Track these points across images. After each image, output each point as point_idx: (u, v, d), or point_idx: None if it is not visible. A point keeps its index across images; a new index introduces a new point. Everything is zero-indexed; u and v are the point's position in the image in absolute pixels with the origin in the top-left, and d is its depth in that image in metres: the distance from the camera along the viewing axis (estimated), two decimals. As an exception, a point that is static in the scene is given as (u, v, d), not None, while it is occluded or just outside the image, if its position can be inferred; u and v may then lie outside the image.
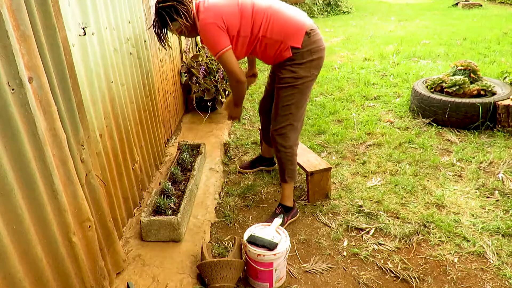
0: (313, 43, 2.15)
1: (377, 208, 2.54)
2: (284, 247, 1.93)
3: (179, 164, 2.87)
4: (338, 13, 11.56)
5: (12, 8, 1.25)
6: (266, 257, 1.89)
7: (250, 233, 1.99)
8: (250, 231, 2.01)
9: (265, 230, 2.00)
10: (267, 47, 2.19)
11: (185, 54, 4.21)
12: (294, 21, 2.14)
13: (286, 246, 1.93)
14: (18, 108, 1.27)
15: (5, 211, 1.22)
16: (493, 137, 3.38)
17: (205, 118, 3.98)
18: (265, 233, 1.98)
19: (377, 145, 3.38)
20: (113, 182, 2.13)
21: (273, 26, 2.13)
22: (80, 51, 1.80)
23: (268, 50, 2.20)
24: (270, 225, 2.03)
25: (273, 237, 1.94)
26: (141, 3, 2.71)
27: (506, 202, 2.52)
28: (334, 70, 5.68)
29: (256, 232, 1.99)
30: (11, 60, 1.22)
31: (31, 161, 1.31)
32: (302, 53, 2.14)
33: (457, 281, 1.97)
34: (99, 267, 1.73)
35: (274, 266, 1.92)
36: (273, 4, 2.18)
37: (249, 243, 1.94)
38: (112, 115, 2.15)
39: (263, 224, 2.06)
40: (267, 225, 2.05)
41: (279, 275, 1.97)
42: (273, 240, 1.92)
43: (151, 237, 2.21)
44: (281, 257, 1.92)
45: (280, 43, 2.14)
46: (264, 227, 2.03)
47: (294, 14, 2.18)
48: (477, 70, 3.76)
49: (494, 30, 7.61)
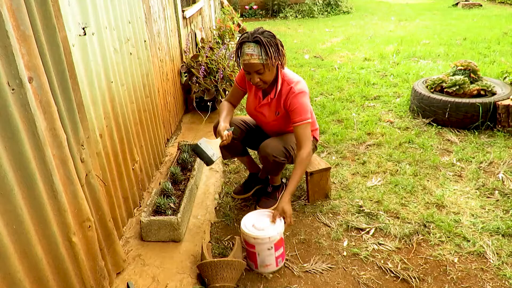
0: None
1: (377, 208, 2.54)
2: (267, 234, 1.98)
3: (179, 164, 2.87)
4: (338, 13, 11.56)
5: (12, 8, 1.25)
6: (248, 238, 2.02)
7: (200, 142, 2.12)
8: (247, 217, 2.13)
9: (263, 214, 2.14)
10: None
11: (185, 54, 4.21)
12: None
13: (271, 234, 1.98)
14: (18, 108, 1.27)
15: (5, 211, 1.22)
16: (493, 137, 3.38)
17: (205, 118, 3.98)
18: (262, 217, 2.12)
19: (377, 145, 3.38)
20: (113, 182, 2.13)
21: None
22: (80, 51, 1.80)
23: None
24: (269, 213, 2.14)
25: (213, 155, 2.11)
26: (141, 3, 2.71)
27: (506, 202, 2.52)
28: (334, 70, 5.68)
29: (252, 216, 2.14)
30: (11, 60, 1.22)
31: (31, 161, 1.31)
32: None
33: (457, 281, 1.97)
34: (99, 267, 1.73)
35: (256, 249, 2.00)
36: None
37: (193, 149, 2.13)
38: (112, 115, 2.15)
39: (266, 210, 2.20)
40: (269, 212, 2.15)
41: (264, 261, 2.03)
42: (212, 158, 2.10)
43: (151, 237, 2.21)
44: (263, 243, 1.98)
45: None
46: (263, 212, 2.16)
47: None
48: (477, 70, 3.76)
49: (494, 30, 7.61)
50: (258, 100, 2.42)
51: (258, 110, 2.45)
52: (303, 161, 2.22)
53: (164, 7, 3.53)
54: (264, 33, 2.13)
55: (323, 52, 6.82)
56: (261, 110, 2.44)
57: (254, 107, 2.46)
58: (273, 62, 2.14)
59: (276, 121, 2.42)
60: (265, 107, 2.41)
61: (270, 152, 2.29)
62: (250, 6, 11.97)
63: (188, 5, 4.74)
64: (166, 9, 3.60)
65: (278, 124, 2.44)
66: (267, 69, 2.17)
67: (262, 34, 2.12)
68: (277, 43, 2.16)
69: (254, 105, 2.46)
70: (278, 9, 11.79)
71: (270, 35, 2.14)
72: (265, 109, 2.42)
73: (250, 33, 2.15)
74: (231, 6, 8.97)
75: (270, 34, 2.15)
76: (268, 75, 2.21)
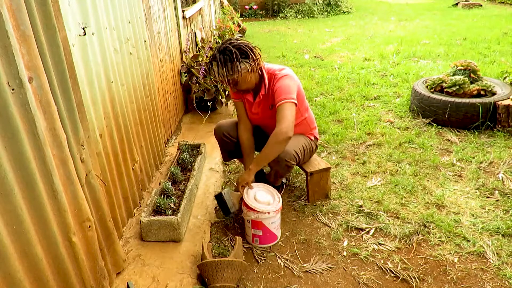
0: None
1: (377, 208, 2.54)
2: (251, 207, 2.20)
3: (179, 164, 2.87)
4: (338, 13, 11.56)
5: (12, 8, 1.25)
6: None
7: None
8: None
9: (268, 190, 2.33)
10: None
11: (185, 54, 4.21)
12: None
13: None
14: (18, 108, 1.27)
15: (5, 211, 1.22)
16: (493, 137, 3.38)
17: (205, 118, 3.98)
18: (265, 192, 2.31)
19: (377, 145, 3.38)
20: (113, 182, 2.13)
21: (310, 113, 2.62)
22: (80, 51, 1.80)
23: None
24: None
25: (232, 207, 2.28)
26: (141, 3, 2.71)
27: (506, 202, 2.52)
28: (334, 70, 5.68)
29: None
30: (11, 60, 1.22)
31: (31, 161, 1.31)
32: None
33: (457, 281, 1.97)
34: (99, 267, 1.73)
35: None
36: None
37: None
38: (112, 115, 2.14)
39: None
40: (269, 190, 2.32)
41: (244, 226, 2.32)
42: (230, 210, 2.28)
43: (151, 237, 2.21)
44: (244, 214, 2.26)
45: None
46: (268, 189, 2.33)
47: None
48: (477, 70, 3.76)
49: (494, 30, 7.61)
50: (250, 103, 2.45)
51: (253, 112, 2.47)
52: (276, 135, 2.14)
53: (164, 7, 3.53)
54: (225, 51, 2.14)
55: (323, 52, 6.82)
56: (255, 110, 2.45)
57: (250, 110, 2.48)
58: (242, 74, 2.17)
59: (271, 115, 2.41)
60: (259, 106, 2.43)
61: (283, 157, 2.30)
62: (250, 6, 11.97)
63: (188, 5, 4.74)
64: (166, 9, 3.60)
65: (272, 118, 2.41)
66: (236, 81, 2.21)
67: (222, 53, 2.14)
68: (238, 58, 2.13)
69: (249, 109, 2.48)
70: (278, 9, 11.79)
71: (229, 51, 2.13)
72: (259, 108, 2.43)
73: (215, 50, 2.19)
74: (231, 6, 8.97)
75: (229, 51, 2.13)
76: (249, 81, 2.25)
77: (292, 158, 2.33)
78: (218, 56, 2.15)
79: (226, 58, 2.14)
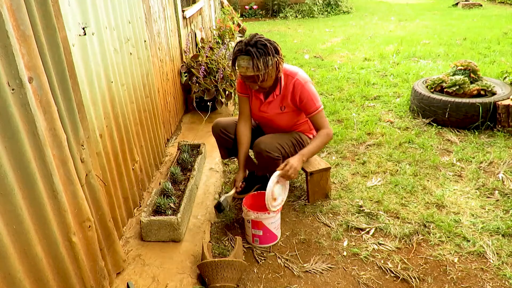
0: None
1: (377, 208, 2.54)
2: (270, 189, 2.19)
3: (179, 164, 2.87)
4: (338, 13, 11.56)
5: (12, 8, 1.25)
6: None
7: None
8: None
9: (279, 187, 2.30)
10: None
11: (185, 54, 4.21)
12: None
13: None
14: (18, 108, 1.27)
15: (5, 211, 1.22)
16: (493, 137, 3.38)
17: (205, 118, 3.98)
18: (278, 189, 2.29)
19: (377, 145, 3.38)
20: (113, 182, 2.13)
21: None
22: (80, 51, 1.80)
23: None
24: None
25: (226, 205, 2.37)
26: (141, 3, 2.71)
27: (506, 202, 2.52)
28: (334, 70, 5.68)
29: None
30: (11, 60, 1.22)
31: (31, 161, 1.31)
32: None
33: (457, 281, 1.97)
34: (99, 267, 1.73)
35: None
36: None
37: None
38: (112, 115, 2.14)
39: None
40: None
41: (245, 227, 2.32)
42: (226, 208, 2.36)
43: (151, 237, 2.21)
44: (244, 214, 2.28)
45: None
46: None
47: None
48: (477, 70, 3.76)
49: (494, 30, 7.61)
50: (260, 101, 2.45)
51: (261, 110, 2.48)
52: (322, 133, 2.35)
53: (164, 7, 3.53)
54: (257, 44, 2.14)
55: (323, 52, 6.82)
56: (264, 109, 2.46)
57: (257, 108, 2.48)
58: (269, 71, 2.18)
59: (280, 116, 2.44)
60: (269, 105, 2.43)
61: (263, 148, 2.31)
62: (250, 6, 11.97)
63: (188, 5, 4.74)
64: (166, 9, 3.60)
65: (281, 119, 2.46)
66: (263, 77, 2.20)
67: (255, 46, 2.13)
68: (269, 52, 2.15)
69: (257, 107, 2.48)
70: (278, 9, 11.79)
71: (262, 45, 2.14)
72: (268, 107, 2.44)
73: (244, 44, 2.17)
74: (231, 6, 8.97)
75: (262, 44, 2.14)
76: (266, 82, 2.26)
77: (274, 150, 2.34)
78: (251, 50, 2.12)
79: (260, 51, 2.13)
